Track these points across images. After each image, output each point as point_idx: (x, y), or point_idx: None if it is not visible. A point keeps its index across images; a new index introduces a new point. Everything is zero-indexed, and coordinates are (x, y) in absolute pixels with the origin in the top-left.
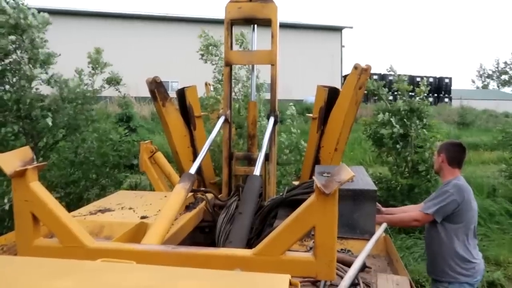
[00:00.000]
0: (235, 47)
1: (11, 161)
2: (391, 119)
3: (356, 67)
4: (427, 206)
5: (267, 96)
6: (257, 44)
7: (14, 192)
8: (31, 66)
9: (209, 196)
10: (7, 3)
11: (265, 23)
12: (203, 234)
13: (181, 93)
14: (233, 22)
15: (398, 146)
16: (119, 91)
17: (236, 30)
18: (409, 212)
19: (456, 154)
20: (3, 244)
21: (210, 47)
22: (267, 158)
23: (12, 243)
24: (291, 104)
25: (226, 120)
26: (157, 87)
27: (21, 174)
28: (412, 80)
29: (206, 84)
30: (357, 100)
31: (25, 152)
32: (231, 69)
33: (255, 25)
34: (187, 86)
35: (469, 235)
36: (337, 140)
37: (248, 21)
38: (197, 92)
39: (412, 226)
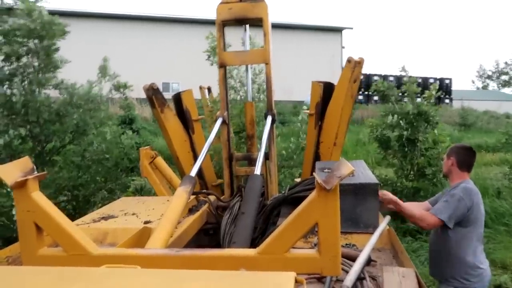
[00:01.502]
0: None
1: (11, 172)
2: (401, 121)
3: (349, 61)
4: (439, 211)
5: None
6: (257, 42)
7: (16, 203)
8: (46, 73)
9: (212, 198)
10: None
11: (257, 22)
12: (208, 236)
13: (177, 97)
14: (225, 23)
15: (406, 149)
16: (123, 94)
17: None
18: (421, 210)
19: (466, 158)
20: (8, 255)
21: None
22: (267, 157)
23: (17, 254)
24: (304, 108)
25: (224, 122)
26: (154, 94)
27: (22, 184)
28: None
29: (200, 87)
30: (353, 94)
31: (25, 162)
32: (225, 71)
33: (247, 25)
34: (183, 91)
35: (478, 240)
36: (335, 135)
37: (240, 22)
38: (193, 96)
39: (418, 226)
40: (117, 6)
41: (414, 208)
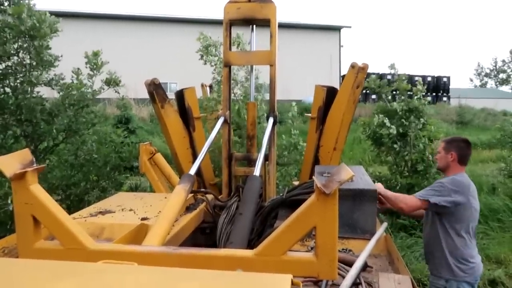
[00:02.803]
0: (233, 49)
1: (11, 164)
2: (385, 120)
3: (353, 66)
4: (420, 193)
5: (267, 96)
6: (257, 43)
7: (14, 195)
8: (37, 71)
9: (210, 197)
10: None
11: (264, 23)
12: (204, 235)
13: (180, 94)
14: (232, 23)
15: (396, 146)
16: (118, 93)
17: (234, 31)
18: (403, 194)
19: (467, 152)
20: (4, 246)
21: (209, 48)
22: (266, 158)
23: (13, 246)
24: (293, 104)
25: (225, 121)
26: (155, 89)
27: (21, 176)
28: (410, 80)
29: (202, 85)
30: (355, 99)
31: (24, 154)
32: (230, 70)
33: (254, 26)
34: (186, 88)
35: (469, 234)
36: (336, 139)
37: (247, 22)
38: (196, 94)
39: (400, 210)
40: (113, 6)
41: (398, 194)
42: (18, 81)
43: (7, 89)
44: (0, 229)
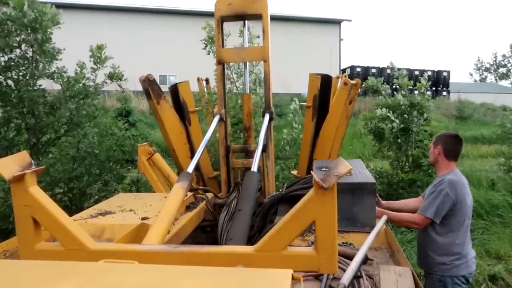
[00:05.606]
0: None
1: (9, 166)
2: (389, 114)
3: (345, 83)
4: (425, 208)
5: None
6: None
7: (13, 197)
8: (41, 64)
9: (209, 195)
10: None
11: (256, 18)
12: (205, 233)
13: (174, 89)
14: (224, 19)
15: (399, 140)
16: (120, 86)
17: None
18: (410, 213)
19: (453, 147)
20: (6, 249)
21: (214, 38)
22: (264, 149)
23: (15, 248)
24: (294, 98)
25: (221, 119)
26: (150, 85)
27: (19, 179)
28: (410, 74)
29: (198, 79)
30: (348, 115)
31: (23, 156)
32: (223, 67)
33: (246, 21)
34: (180, 82)
35: (462, 230)
36: (329, 154)
37: (239, 18)
38: (190, 87)
39: (410, 228)
40: None
41: (403, 214)
42: (20, 73)
43: (10, 82)
44: (3, 222)
